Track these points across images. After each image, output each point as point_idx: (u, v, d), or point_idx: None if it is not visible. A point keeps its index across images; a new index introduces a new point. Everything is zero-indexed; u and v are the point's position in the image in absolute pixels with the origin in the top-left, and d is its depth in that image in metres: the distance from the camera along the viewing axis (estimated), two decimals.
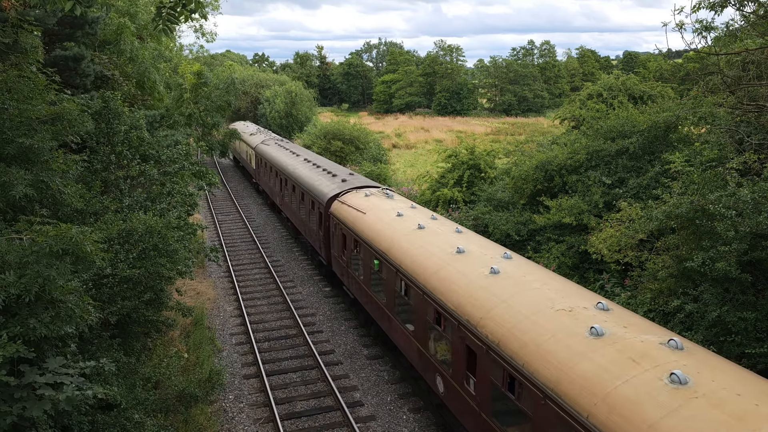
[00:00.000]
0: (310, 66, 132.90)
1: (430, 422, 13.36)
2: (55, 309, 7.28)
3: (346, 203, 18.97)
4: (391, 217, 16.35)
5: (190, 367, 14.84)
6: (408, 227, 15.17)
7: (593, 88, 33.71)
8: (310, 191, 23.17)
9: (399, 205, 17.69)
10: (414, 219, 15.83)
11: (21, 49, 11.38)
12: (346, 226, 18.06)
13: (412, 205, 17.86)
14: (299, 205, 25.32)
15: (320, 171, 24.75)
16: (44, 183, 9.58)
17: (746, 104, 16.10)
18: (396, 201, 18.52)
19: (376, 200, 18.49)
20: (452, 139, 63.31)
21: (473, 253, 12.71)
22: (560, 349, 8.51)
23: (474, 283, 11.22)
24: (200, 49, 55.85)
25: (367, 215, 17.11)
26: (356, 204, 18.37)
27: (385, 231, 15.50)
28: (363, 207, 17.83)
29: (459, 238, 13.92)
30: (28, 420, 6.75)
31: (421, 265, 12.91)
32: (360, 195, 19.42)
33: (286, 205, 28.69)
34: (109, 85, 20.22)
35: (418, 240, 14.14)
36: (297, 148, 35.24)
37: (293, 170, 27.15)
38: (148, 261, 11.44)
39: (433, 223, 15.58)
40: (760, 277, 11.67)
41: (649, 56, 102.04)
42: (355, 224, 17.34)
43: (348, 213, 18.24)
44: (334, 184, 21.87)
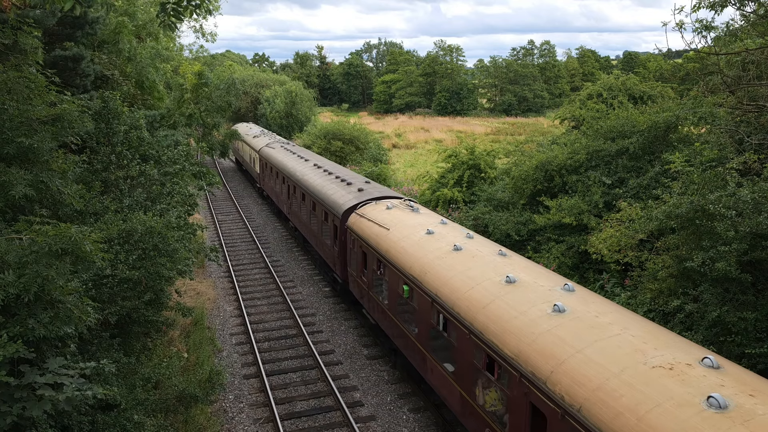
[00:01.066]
0: (310, 66, 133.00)
1: (430, 422, 13.36)
2: (54, 309, 7.28)
3: (365, 217, 17.17)
4: (419, 235, 14.50)
5: (190, 367, 14.84)
6: (442, 248, 13.37)
7: (593, 88, 33.74)
8: (323, 201, 21.22)
9: (427, 220, 15.83)
10: (447, 238, 13.98)
11: (21, 49, 11.37)
12: (366, 244, 16.26)
13: (442, 220, 15.87)
14: (310, 216, 23.43)
15: (333, 179, 22.90)
16: (44, 183, 9.58)
17: (746, 104, 16.09)
18: (423, 215, 16.66)
19: (400, 214, 16.63)
20: (452, 139, 63.32)
21: (526, 284, 10.83)
22: (674, 427, 6.53)
23: (536, 324, 9.34)
24: (200, 49, 55.85)
25: (392, 232, 15.29)
26: (377, 218, 16.57)
27: (416, 252, 13.73)
28: (386, 222, 16.04)
29: (505, 264, 12.05)
30: (28, 420, 6.75)
31: (463, 297, 11.14)
32: (380, 207, 17.57)
33: (295, 214, 26.89)
34: (109, 85, 20.24)
35: (456, 264, 12.38)
36: (305, 152, 33.19)
37: (302, 177, 25.35)
38: (148, 261, 11.44)
39: (470, 243, 13.62)
40: (760, 277, 11.66)
41: (649, 56, 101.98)
42: (378, 242, 15.51)
43: (369, 228, 16.48)
44: (350, 194, 19.98)
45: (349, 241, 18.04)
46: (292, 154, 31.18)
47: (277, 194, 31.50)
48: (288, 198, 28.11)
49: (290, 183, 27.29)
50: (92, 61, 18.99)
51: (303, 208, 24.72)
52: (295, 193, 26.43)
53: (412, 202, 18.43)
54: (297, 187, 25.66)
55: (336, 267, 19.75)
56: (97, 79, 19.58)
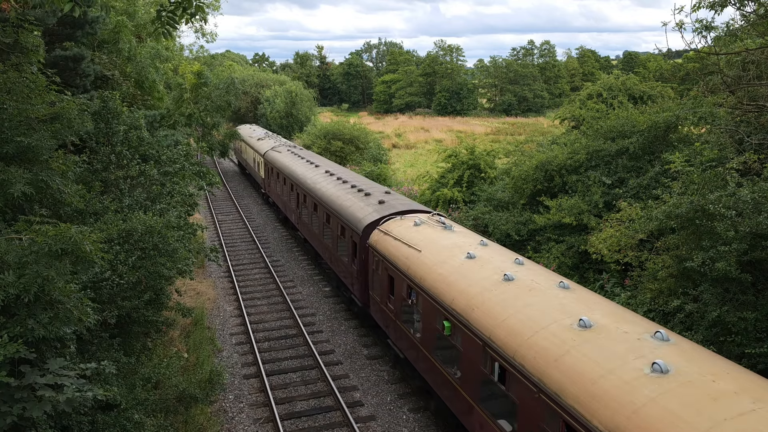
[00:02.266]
0: (310, 66, 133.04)
1: (430, 422, 13.36)
2: (53, 310, 7.28)
3: (390, 234, 15.25)
4: (459, 259, 12.53)
5: (190, 367, 14.84)
6: (489, 277, 11.29)
7: (593, 88, 33.75)
8: (339, 214, 19.22)
9: (464, 240, 13.81)
10: (492, 263, 11.99)
11: (22, 48, 11.37)
12: (393, 266, 14.35)
13: (482, 240, 13.76)
14: (322, 228, 21.45)
15: (348, 188, 20.95)
16: (44, 182, 9.57)
17: (746, 104, 16.10)
18: (457, 233, 14.56)
19: (431, 232, 14.64)
20: (452, 139, 63.32)
21: (606, 329, 8.81)
22: None
23: (633, 388, 7.39)
24: (200, 50, 55.91)
25: (425, 254, 13.37)
26: (406, 237, 14.66)
27: (457, 281, 11.68)
28: (416, 242, 14.13)
29: (571, 300, 9.96)
30: (28, 420, 6.75)
31: (526, 344, 9.10)
32: (407, 223, 15.63)
33: (305, 225, 24.70)
34: (109, 85, 20.24)
35: (511, 299, 10.33)
36: (315, 157, 30.98)
37: (313, 185, 23.32)
38: (148, 261, 11.44)
39: (522, 271, 11.45)
40: (760, 277, 11.66)
41: (649, 56, 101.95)
42: (408, 265, 13.58)
43: (396, 249, 14.59)
44: (369, 206, 18.06)
45: (372, 262, 16.12)
46: (300, 159, 29.14)
47: (285, 202, 29.50)
48: (297, 207, 26.09)
49: (300, 191, 25.23)
50: (92, 61, 18.99)
51: (315, 219, 22.75)
52: (305, 203, 24.32)
53: (442, 216, 16.42)
54: (308, 196, 23.61)
55: (354, 287, 17.80)
56: (97, 79, 19.58)
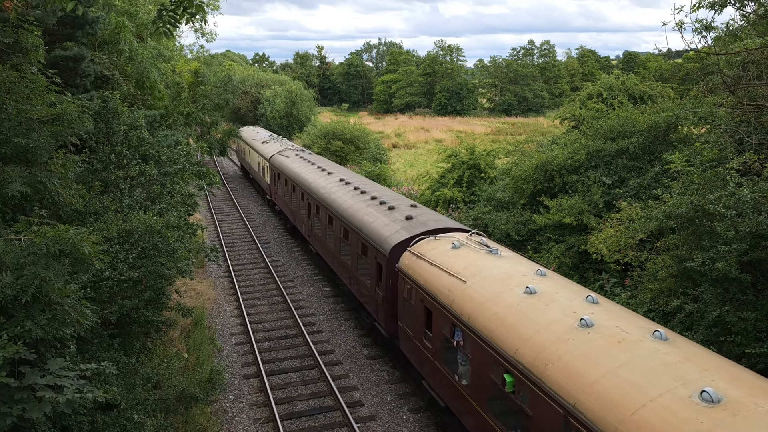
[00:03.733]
0: (310, 66, 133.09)
1: (430, 422, 13.36)
2: (51, 311, 7.28)
3: (424, 258, 13.12)
4: (516, 294, 10.26)
5: (190, 367, 14.84)
6: (560, 321, 9.11)
7: (593, 88, 33.74)
8: (359, 230, 17.11)
9: (517, 269, 11.50)
10: (559, 301, 9.74)
11: (21, 49, 11.37)
12: (431, 298, 12.17)
13: (538, 269, 11.35)
14: (339, 244, 19.36)
15: (368, 200, 18.71)
16: (42, 183, 9.57)
17: (746, 104, 16.10)
18: (507, 259, 12.25)
19: (475, 257, 12.39)
20: (452, 139, 63.33)
21: (745, 408, 6.47)
22: None
23: None
24: (200, 49, 55.88)
25: (471, 286, 11.14)
26: (444, 262, 12.51)
27: (519, 324, 9.48)
28: (458, 269, 11.95)
29: (677, 356, 7.67)
30: (28, 421, 6.75)
31: (630, 421, 6.93)
32: (443, 245, 13.39)
33: (318, 239, 22.52)
34: (109, 85, 20.24)
35: (598, 355, 8.07)
36: (326, 162, 28.64)
37: (327, 195, 21.23)
38: (148, 260, 11.45)
39: (600, 312, 9.20)
40: (760, 277, 11.67)
41: (649, 56, 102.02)
42: (450, 298, 11.39)
43: (432, 276, 12.44)
44: (395, 223, 15.96)
45: (403, 289, 13.99)
46: (310, 165, 27.01)
47: (293, 211, 27.23)
48: (308, 218, 23.88)
49: (311, 201, 23.08)
50: (92, 61, 18.98)
51: (329, 233, 20.61)
52: (318, 214, 22.20)
53: (483, 236, 14.16)
54: (321, 207, 21.50)
55: (379, 315, 15.80)
56: (97, 79, 19.57)
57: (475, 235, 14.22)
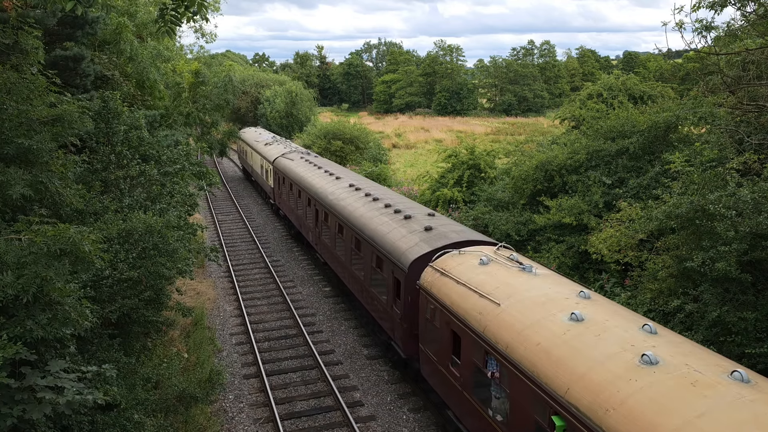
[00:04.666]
0: (310, 66, 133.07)
1: (430, 422, 13.36)
2: (52, 311, 7.28)
3: (449, 275, 12.00)
4: (560, 321, 9.19)
5: (190, 367, 14.84)
6: (617, 356, 7.99)
7: (593, 88, 33.74)
8: (373, 241, 15.92)
9: (556, 290, 10.38)
10: (611, 330, 8.64)
11: (21, 50, 11.38)
12: (460, 321, 11.00)
13: (581, 291, 10.19)
14: (350, 255, 18.09)
15: (381, 208, 17.48)
16: (43, 184, 9.58)
17: (746, 104, 16.11)
18: (543, 278, 11.08)
19: (506, 275, 11.25)
20: (452, 139, 63.34)
21: None
22: None
23: None
24: (200, 50, 55.87)
25: (506, 309, 10.05)
26: (472, 280, 11.38)
27: (568, 359, 8.33)
28: (489, 288, 10.84)
29: (759, 398, 6.77)
30: (28, 422, 6.75)
31: None
32: (470, 261, 12.25)
33: (326, 247, 21.32)
34: (109, 85, 20.23)
35: (668, 400, 7.00)
36: (334, 166, 27.36)
37: (336, 202, 20.06)
38: (148, 260, 11.45)
39: (663, 345, 8.11)
40: (760, 277, 11.68)
41: (649, 56, 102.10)
42: (483, 323, 10.26)
43: (460, 296, 11.29)
44: (413, 234, 14.78)
45: (425, 309, 12.79)
46: (317, 169, 25.70)
47: (299, 218, 25.92)
48: (315, 225, 22.64)
49: (319, 207, 21.88)
50: (92, 61, 18.98)
51: (339, 242, 19.39)
52: (326, 222, 21.00)
53: (511, 250, 13.20)
54: (330, 214, 20.32)
55: (396, 335, 14.67)
56: (97, 79, 19.57)
57: (502, 248, 13.08)
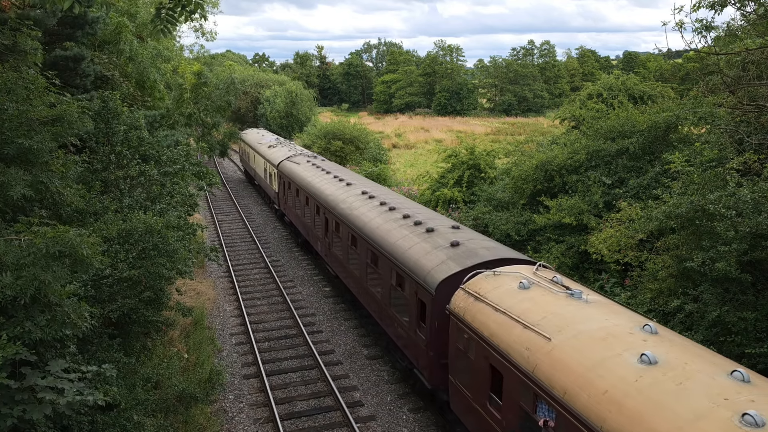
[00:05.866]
0: (310, 66, 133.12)
1: (430, 422, 13.36)
2: (51, 312, 7.28)
3: (486, 301, 10.62)
4: (630, 364, 7.72)
5: (190, 367, 14.84)
6: (711, 414, 6.61)
7: (593, 88, 33.75)
8: (393, 257, 14.37)
9: (615, 322, 8.91)
10: (695, 378, 7.26)
11: (20, 50, 11.38)
12: (502, 356, 9.59)
13: (646, 324, 8.67)
14: (366, 270, 16.51)
15: (400, 219, 15.94)
16: (43, 184, 9.58)
17: (746, 104, 16.11)
18: (595, 306, 9.62)
19: (553, 302, 9.86)
20: (452, 139, 63.37)
21: None
22: None
23: None
24: (201, 49, 55.96)
25: (559, 346, 8.69)
26: (514, 308, 10.02)
27: (645, 414, 7.01)
28: (535, 319, 9.47)
29: None
30: (28, 422, 6.75)
31: None
32: (508, 283, 10.87)
33: (337, 260, 19.72)
34: (109, 86, 20.23)
35: None
36: (343, 171, 25.76)
37: (350, 211, 18.43)
38: (148, 260, 11.45)
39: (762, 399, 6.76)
40: (760, 277, 11.67)
41: (649, 56, 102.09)
42: (532, 361, 8.85)
43: (501, 326, 9.93)
44: (439, 250, 13.25)
45: (457, 337, 11.30)
46: (325, 174, 24.12)
47: (306, 226, 24.34)
48: (325, 235, 21.13)
49: (329, 216, 20.36)
50: (92, 62, 18.97)
51: (353, 255, 17.84)
52: (337, 232, 19.47)
53: (550, 269, 11.87)
54: (341, 224, 18.75)
55: (420, 362, 13.19)
56: (97, 79, 19.56)
57: (542, 268, 11.63)
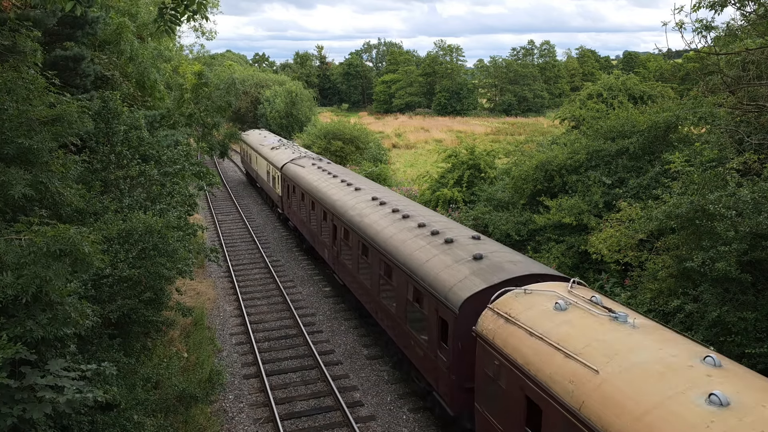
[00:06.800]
0: (310, 66, 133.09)
1: (430, 422, 13.36)
2: (52, 311, 7.29)
3: (518, 323, 9.62)
4: (697, 405, 6.74)
5: (190, 367, 14.84)
6: None
7: (593, 88, 33.75)
8: (409, 270, 13.42)
9: (671, 352, 7.85)
10: None
11: (19, 51, 11.38)
12: (537, 386, 8.60)
13: (708, 356, 7.67)
14: (379, 283, 15.55)
15: (415, 228, 15.07)
16: (43, 184, 9.59)
17: (746, 104, 16.11)
18: (645, 332, 8.56)
19: (595, 326, 8.85)
20: (452, 139, 63.37)
21: None
22: None
23: None
24: (201, 49, 55.96)
25: (609, 379, 7.67)
26: (552, 334, 8.97)
27: None
28: (578, 347, 8.44)
29: None
30: (28, 422, 6.75)
31: None
32: (542, 303, 9.90)
33: (346, 269, 18.72)
34: (109, 86, 20.23)
35: None
36: (351, 175, 24.65)
37: (360, 219, 17.49)
38: (148, 260, 11.46)
39: None
40: (760, 277, 11.67)
41: (649, 56, 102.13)
42: (576, 396, 7.87)
43: (536, 352, 8.95)
44: (460, 264, 12.30)
45: (486, 362, 10.21)
46: (333, 178, 23.05)
47: (313, 232, 23.30)
48: (333, 243, 20.17)
49: (338, 223, 19.38)
50: (92, 62, 18.97)
51: (363, 266, 16.87)
52: (346, 240, 18.49)
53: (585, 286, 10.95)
54: (351, 232, 17.78)
55: (440, 385, 12.10)
56: (97, 79, 19.56)
57: (577, 286, 10.58)
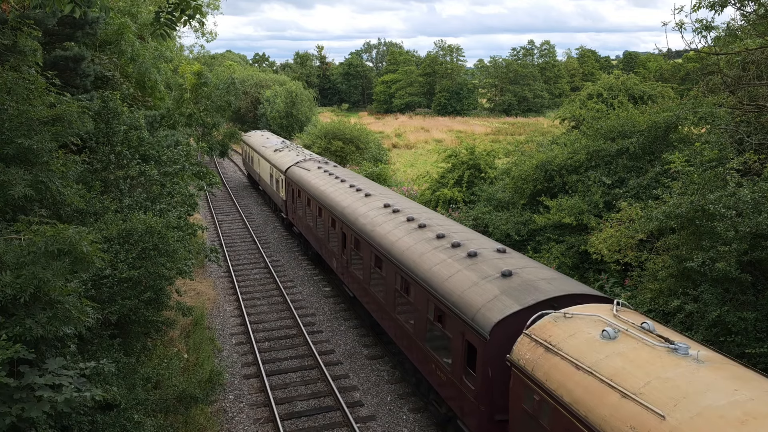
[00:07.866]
0: (310, 66, 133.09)
1: (430, 422, 13.36)
2: (52, 310, 7.29)
3: (560, 353, 8.63)
4: None
5: (190, 367, 14.84)
6: None
7: (593, 88, 33.75)
8: (430, 287, 12.33)
9: (748, 394, 6.84)
10: None
11: (20, 51, 11.38)
12: (587, 428, 7.63)
13: None
14: (395, 298, 14.50)
15: (434, 239, 14.03)
16: (43, 184, 9.59)
17: (746, 104, 16.11)
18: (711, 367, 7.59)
19: (652, 359, 7.83)
20: (452, 139, 63.40)
21: None
22: None
23: None
24: (201, 50, 56.03)
25: (679, 427, 6.66)
26: (603, 368, 7.96)
27: None
28: (637, 386, 7.42)
29: None
30: (27, 421, 6.75)
31: None
32: (586, 330, 8.86)
33: (357, 281, 17.57)
34: (109, 86, 20.24)
35: None
36: (359, 179, 23.44)
37: (372, 228, 16.45)
38: (148, 261, 11.45)
39: None
40: (760, 277, 11.68)
41: (649, 56, 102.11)
42: None
43: (584, 389, 7.92)
44: (488, 281, 11.26)
45: (523, 396, 9.14)
46: (340, 183, 22.01)
47: (320, 240, 22.25)
48: (342, 252, 19.12)
49: (346, 231, 18.43)
50: (92, 62, 18.98)
51: (376, 279, 15.86)
52: (357, 250, 17.48)
53: (630, 308, 9.88)
54: (362, 241, 16.80)
55: (466, 413, 11.06)
56: (97, 79, 19.56)
57: (622, 309, 9.50)
